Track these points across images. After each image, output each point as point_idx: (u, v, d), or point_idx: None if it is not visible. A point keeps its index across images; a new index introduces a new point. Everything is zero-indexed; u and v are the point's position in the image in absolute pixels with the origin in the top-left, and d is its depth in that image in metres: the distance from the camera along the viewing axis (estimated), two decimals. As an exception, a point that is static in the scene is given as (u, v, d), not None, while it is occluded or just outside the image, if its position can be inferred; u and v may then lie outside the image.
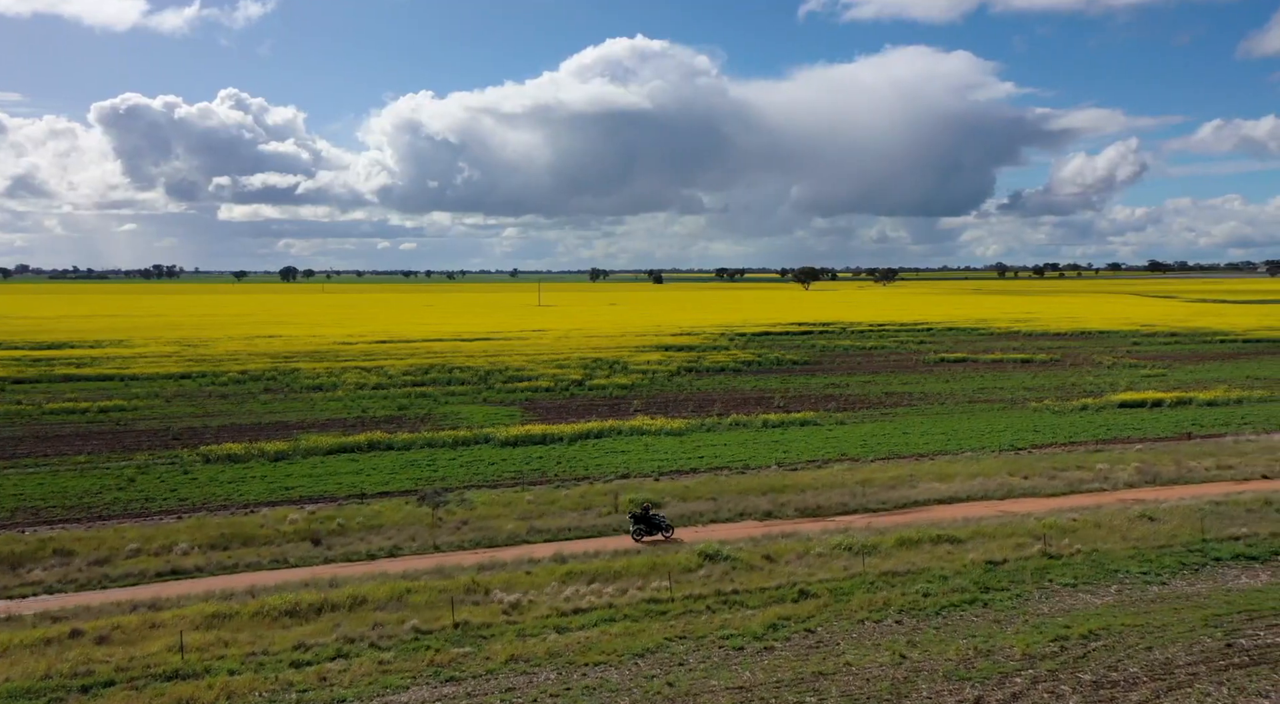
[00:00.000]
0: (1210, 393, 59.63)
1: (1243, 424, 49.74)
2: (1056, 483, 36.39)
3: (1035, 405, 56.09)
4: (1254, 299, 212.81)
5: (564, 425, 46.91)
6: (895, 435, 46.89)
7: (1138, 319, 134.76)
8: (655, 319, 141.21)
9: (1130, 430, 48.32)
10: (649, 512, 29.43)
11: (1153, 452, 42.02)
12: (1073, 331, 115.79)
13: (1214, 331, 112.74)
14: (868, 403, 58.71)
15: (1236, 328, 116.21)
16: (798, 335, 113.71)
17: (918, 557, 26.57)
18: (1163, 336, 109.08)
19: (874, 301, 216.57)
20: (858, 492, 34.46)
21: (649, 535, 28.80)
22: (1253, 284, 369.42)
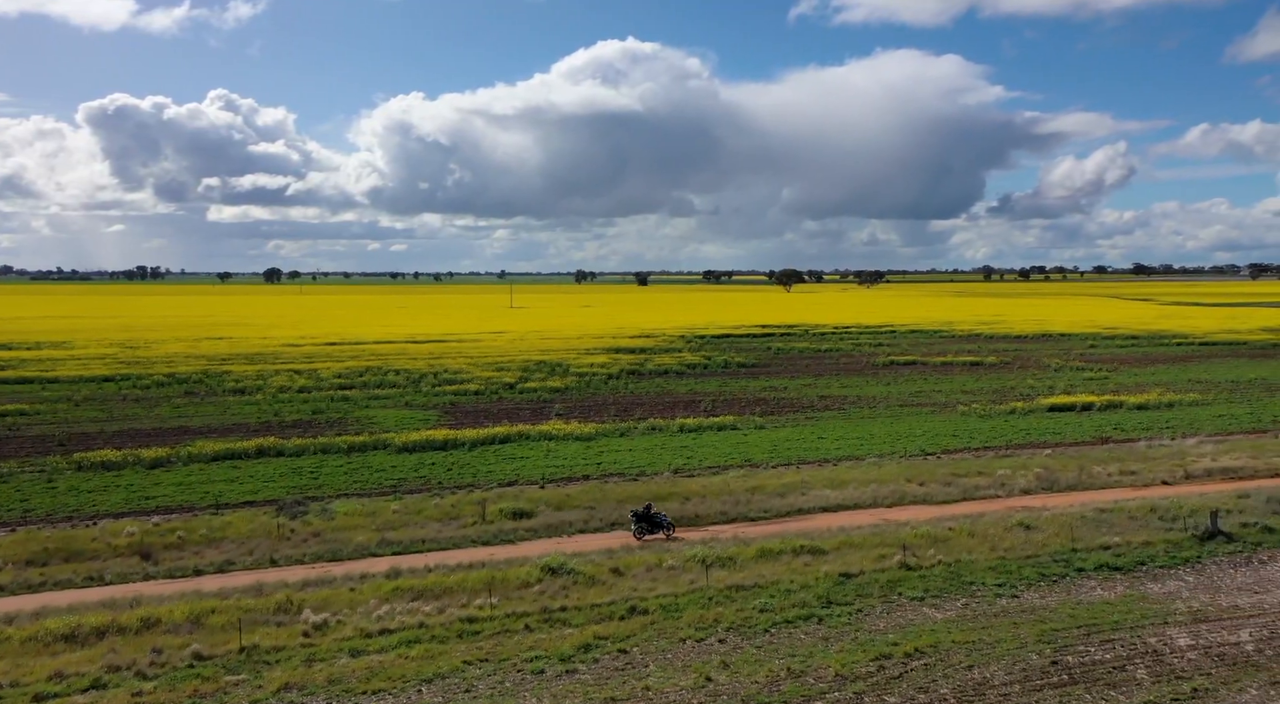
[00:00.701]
0: (1142, 396, 59.07)
1: (1164, 428, 49.12)
2: (951, 489, 35.58)
3: (964, 409, 55.35)
4: (1226, 302, 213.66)
5: (471, 430, 45.82)
6: (810, 440, 46.02)
7: (1103, 322, 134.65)
8: (620, 321, 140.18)
9: (1050, 435, 47.61)
10: (650, 510, 29.72)
11: (1062, 457, 41.32)
12: (1034, 334, 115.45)
13: (1174, 334, 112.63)
14: (800, 406, 57.88)
15: (1196, 331, 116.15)
16: (758, 337, 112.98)
17: (773, 569, 25.63)
18: (1121, 339, 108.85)
19: (848, 304, 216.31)
20: (743, 499, 33.54)
21: (651, 533, 29.12)
22: (1232, 287, 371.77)
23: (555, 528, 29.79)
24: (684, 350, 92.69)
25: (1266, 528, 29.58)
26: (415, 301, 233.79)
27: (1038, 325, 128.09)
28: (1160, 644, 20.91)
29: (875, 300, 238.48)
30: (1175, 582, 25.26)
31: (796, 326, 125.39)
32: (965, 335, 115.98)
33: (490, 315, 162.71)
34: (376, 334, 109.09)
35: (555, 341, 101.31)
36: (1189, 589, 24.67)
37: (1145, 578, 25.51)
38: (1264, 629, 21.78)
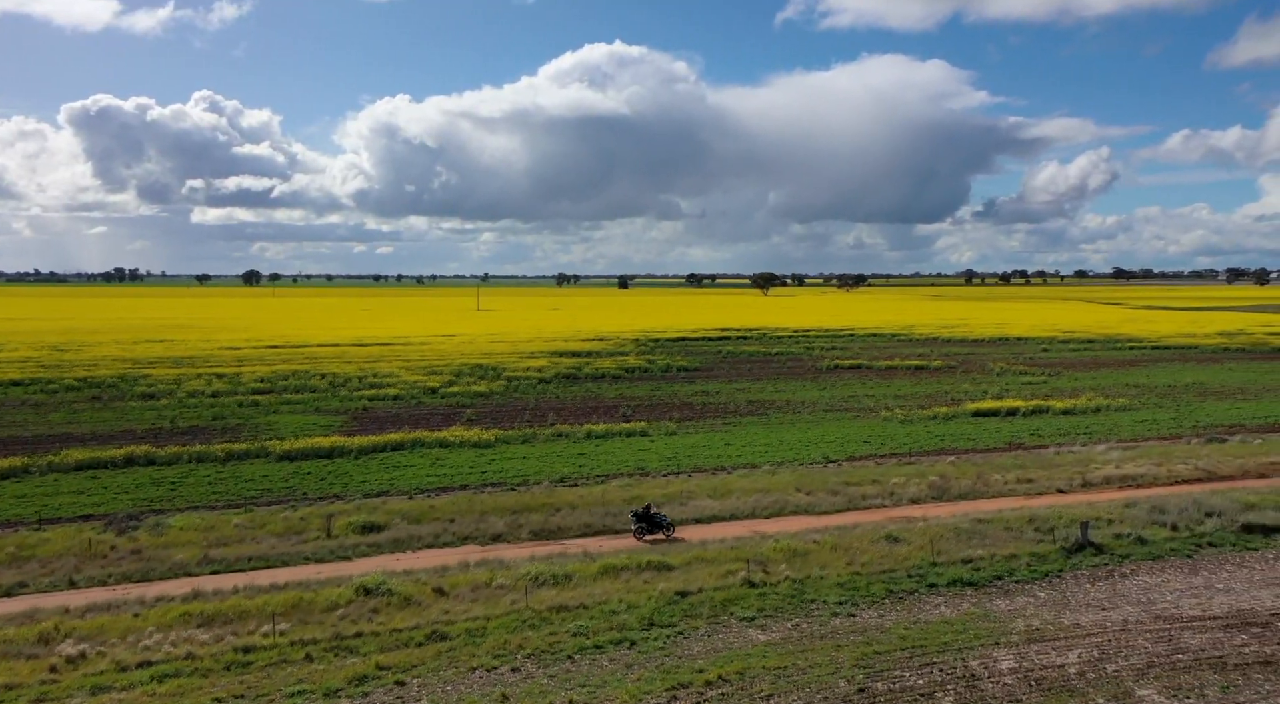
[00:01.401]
0: (1070, 402, 58.21)
1: (1082, 434, 48.18)
2: (837, 499, 34.33)
3: (887, 414, 54.25)
4: (1193, 306, 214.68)
5: (365, 438, 44.23)
6: (717, 447, 44.73)
7: (1063, 326, 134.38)
8: (581, 324, 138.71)
9: (964, 441, 46.54)
10: (650, 510, 30.07)
11: (966, 464, 40.20)
12: (991, 338, 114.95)
13: (1129, 338, 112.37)
14: (725, 411, 56.60)
15: (1152, 335, 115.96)
16: (713, 341, 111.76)
17: (609, 587, 24.27)
18: (1076, 343, 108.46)
19: (817, 307, 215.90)
20: (614, 511, 32.18)
21: (651, 534, 29.51)
22: (1206, 291, 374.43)
23: (402, 543, 28.31)
24: (631, 354, 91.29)
25: (1139, 539, 28.54)
26: (383, 304, 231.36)
27: (998, 329, 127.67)
28: (981, 667, 19.70)
29: (846, 304, 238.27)
30: (1026, 598, 24.10)
31: (755, 330, 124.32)
32: (923, 339, 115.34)
33: (452, 318, 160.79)
34: (323, 337, 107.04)
35: (503, 345, 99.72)
36: (1036, 606, 23.51)
37: (996, 594, 24.34)
38: (1096, 649, 20.62)
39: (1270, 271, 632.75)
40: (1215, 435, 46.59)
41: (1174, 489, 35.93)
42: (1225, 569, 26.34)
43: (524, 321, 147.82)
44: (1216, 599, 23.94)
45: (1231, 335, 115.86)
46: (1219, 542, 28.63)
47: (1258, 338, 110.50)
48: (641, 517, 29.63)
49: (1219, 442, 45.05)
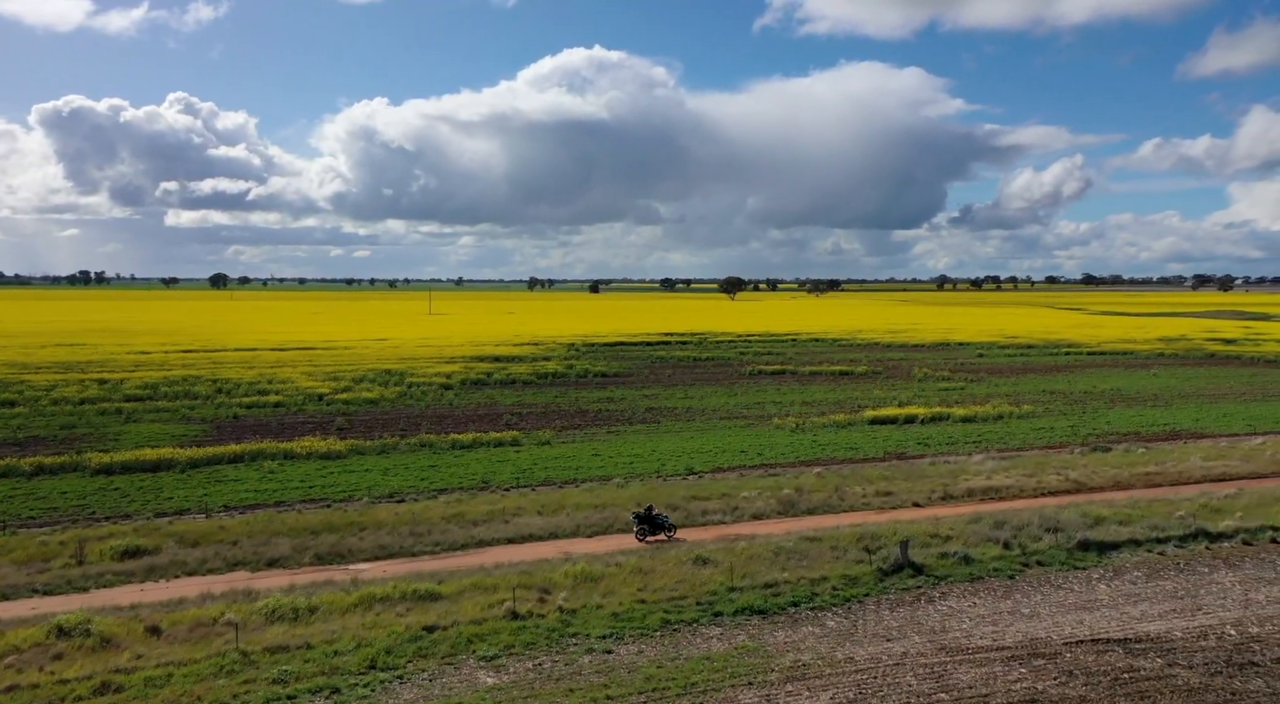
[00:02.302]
0: (974, 409, 56.64)
1: (971, 443, 46.50)
2: (674, 515, 32.08)
3: (778, 422, 52.31)
4: (1148, 312, 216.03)
5: (204, 449, 41.46)
6: (582, 458, 42.49)
7: (1009, 331, 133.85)
8: (522, 328, 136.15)
9: (844, 451, 44.65)
10: (652, 512, 30.15)
11: (832, 475, 38.21)
12: (934, 343, 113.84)
13: (1069, 344, 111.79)
14: (617, 419, 54.38)
15: (1091, 340, 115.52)
16: (649, 345, 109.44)
17: (353, 621, 21.83)
18: (1015, 348, 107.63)
19: (773, 312, 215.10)
20: (422, 531, 29.74)
21: (653, 535, 29.72)
22: (1170, 297, 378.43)
23: (160, 570, 25.72)
24: (555, 359, 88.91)
25: (966, 558, 26.66)
26: (335, 308, 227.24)
27: (943, 334, 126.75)
28: (713, 715, 17.61)
29: (806, 309, 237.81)
30: (812, 628, 22.05)
31: (697, 335, 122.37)
32: (865, 344, 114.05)
33: (395, 322, 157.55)
34: (242, 341, 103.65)
35: (428, 350, 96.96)
36: (818, 637, 21.46)
37: (782, 624, 22.26)
38: (854, 689, 18.58)
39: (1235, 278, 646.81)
40: (1102, 444, 45.09)
41: (1035, 502, 34.21)
42: (1041, 591, 24.49)
43: (467, 326, 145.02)
44: (1015, 626, 22.05)
45: (1171, 341, 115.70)
46: (1049, 560, 26.82)
47: (1195, 344, 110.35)
48: (643, 518, 29.77)
49: (1103, 451, 43.54)
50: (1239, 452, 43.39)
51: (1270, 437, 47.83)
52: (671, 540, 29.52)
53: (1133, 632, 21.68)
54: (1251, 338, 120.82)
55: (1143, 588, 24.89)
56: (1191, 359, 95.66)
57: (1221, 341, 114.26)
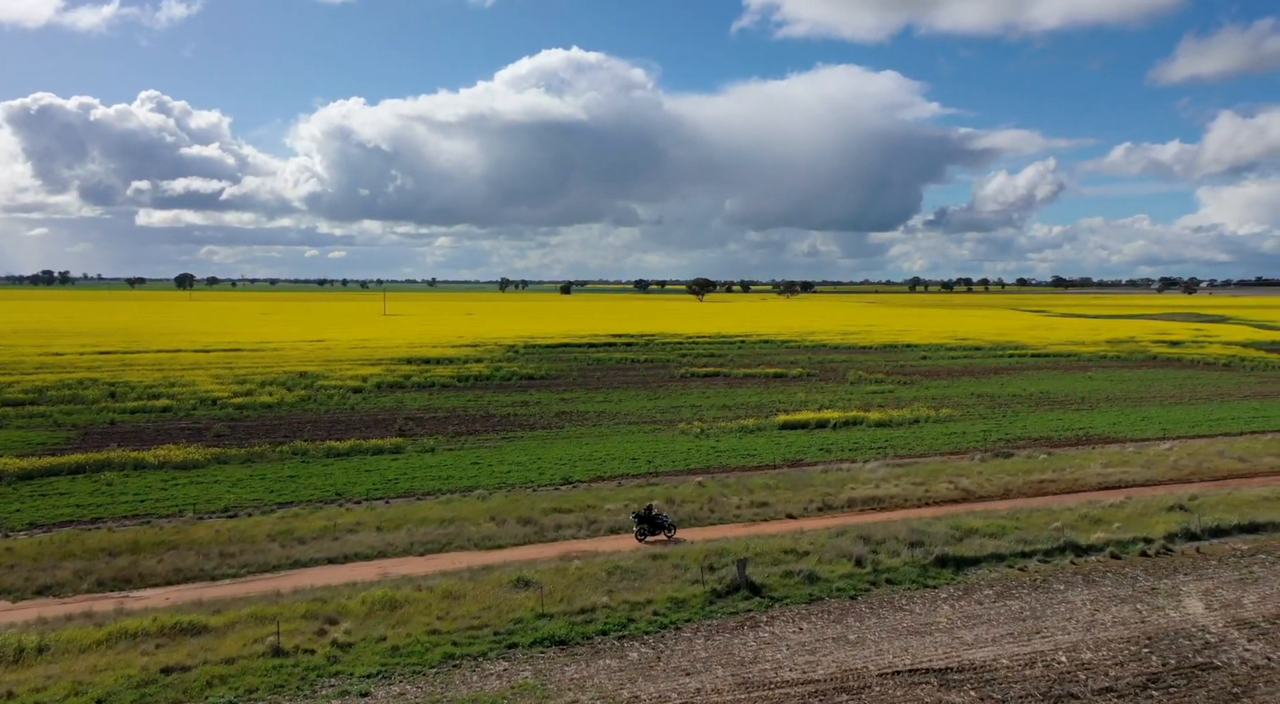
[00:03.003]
0: (892, 413, 55.11)
1: (875, 449, 44.78)
2: (525, 530, 29.98)
3: (685, 427, 50.34)
4: (1107, 314, 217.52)
5: (51, 459, 38.53)
6: (461, 467, 40.16)
7: (960, 333, 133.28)
8: (467, 330, 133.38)
9: (740, 458, 42.74)
10: (652, 511, 29.95)
11: (714, 484, 36.19)
12: (882, 344, 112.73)
13: (1016, 345, 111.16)
14: (522, 424, 52.11)
15: (1038, 342, 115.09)
16: (595, 346, 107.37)
17: (85, 663, 19.34)
18: (962, 351, 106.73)
19: (735, 314, 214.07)
20: (235, 551, 27.20)
21: (653, 535, 29.48)
22: (1134, 299, 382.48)
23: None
24: (487, 360, 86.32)
25: (811, 577, 24.78)
26: (293, 308, 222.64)
27: (895, 336, 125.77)
28: (443, 771, 15.52)
29: (768, 310, 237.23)
30: (611, 660, 20.02)
31: (644, 336, 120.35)
32: (813, 346, 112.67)
33: (345, 323, 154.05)
34: (170, 342, 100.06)
35: (361, 351, 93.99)
36: (613, 672, 19.42)
37: (579, 656, 20.19)
38: (618, 739, 16.62)
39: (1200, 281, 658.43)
40: (1005, 450, 43.61)
41: (915, 512, 32.50)
42: (879, 614, 22.67)
43: (415, 327, 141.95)
44: (834, 655, 20.16)
45: (1117, 343, 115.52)
46: (900, 578, 25.04)
47: (1141, 346, 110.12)
48: (643, 518, 29.61)
49: (1004, 457, 42.03)
50: (1143, 457, 42.11)
51: (1181, 441, 46.69)
52: (672, 540, 29.19)
53: (957, 660, 19.88)
54: (1199, 340, 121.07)
55: (988, 609, 23.16)
56: (1134, 361, 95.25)
57: (1168, 344, 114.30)
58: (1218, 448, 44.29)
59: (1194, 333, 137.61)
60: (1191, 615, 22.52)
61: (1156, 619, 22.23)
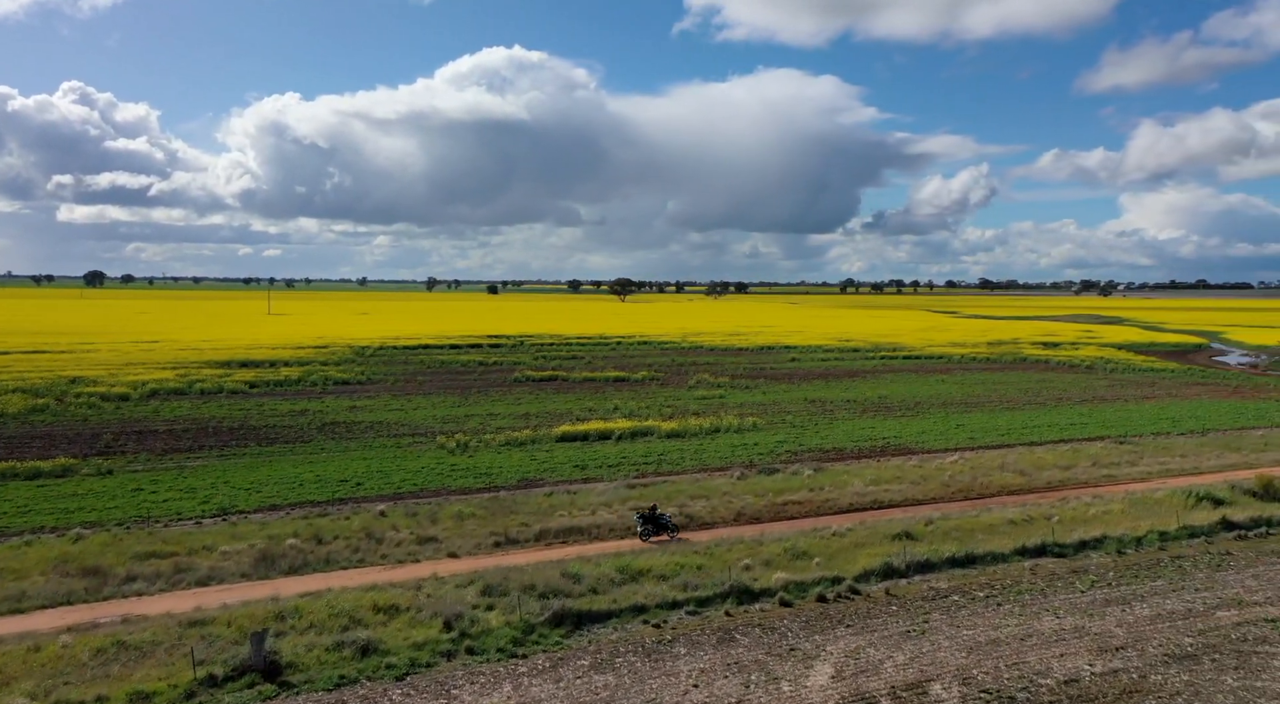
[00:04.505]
0: (693, 421, 50.46)
1: (636, 464, 39.74)
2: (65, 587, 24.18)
3: (444, 440, 44.89)
4: (1007, 315, 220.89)
5: None
6: (120, 495, 33.54)
7: (850, 334, 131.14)
8: (326, 330, 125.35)
9: (478, 478, 37.04)
10: (655, 511, 29.29)
11: (398, 513, 30.63)
12: (759, 346, 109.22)
13: (895, 347, 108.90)
14: (277, 438, 45.50)
15: (920, 344, 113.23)
16: (455, 348, 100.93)
17: None
18: (838, 352, 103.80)
19: (631, 315, 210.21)
20: None
21: (656, 536, 28.85)
22: (1049, 301, 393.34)
23: None
24: (313, 363, 79.17)
25: (367, 648, 19.30)
26: (173, 308, 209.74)
27: (781, 337, 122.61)
28: None
29: (676, 312, 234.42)
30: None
31: (511, 338, 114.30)
32: (690, 347, 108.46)
33: (215, 323, 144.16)
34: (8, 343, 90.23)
35: (189, 353, 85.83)
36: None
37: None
38: None
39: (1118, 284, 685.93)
40: (772, 466, 39.27)
41: (614, 544, 27.68)
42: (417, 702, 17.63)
43: (280, 328, 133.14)
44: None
45: (997, 345, 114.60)
46: (486, 646, 19.80)
47: (1017, 348, 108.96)
48: (647, 518, 29.03)
49: (767, 473, 37.68)
50: (919, 472, 38.38)
51: (975, 452, 43.28)
52: (674, 540, 28.53)
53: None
54: (1079, 342, 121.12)
55: (567, 687, 18.32)
56: (1001, 363, 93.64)
57: (1044, 346, 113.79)
58: (1005, 459, 40.94)
59: (1080, 334, 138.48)
60: (807, 689, 18.08)
61: (758, 698, 17.71)
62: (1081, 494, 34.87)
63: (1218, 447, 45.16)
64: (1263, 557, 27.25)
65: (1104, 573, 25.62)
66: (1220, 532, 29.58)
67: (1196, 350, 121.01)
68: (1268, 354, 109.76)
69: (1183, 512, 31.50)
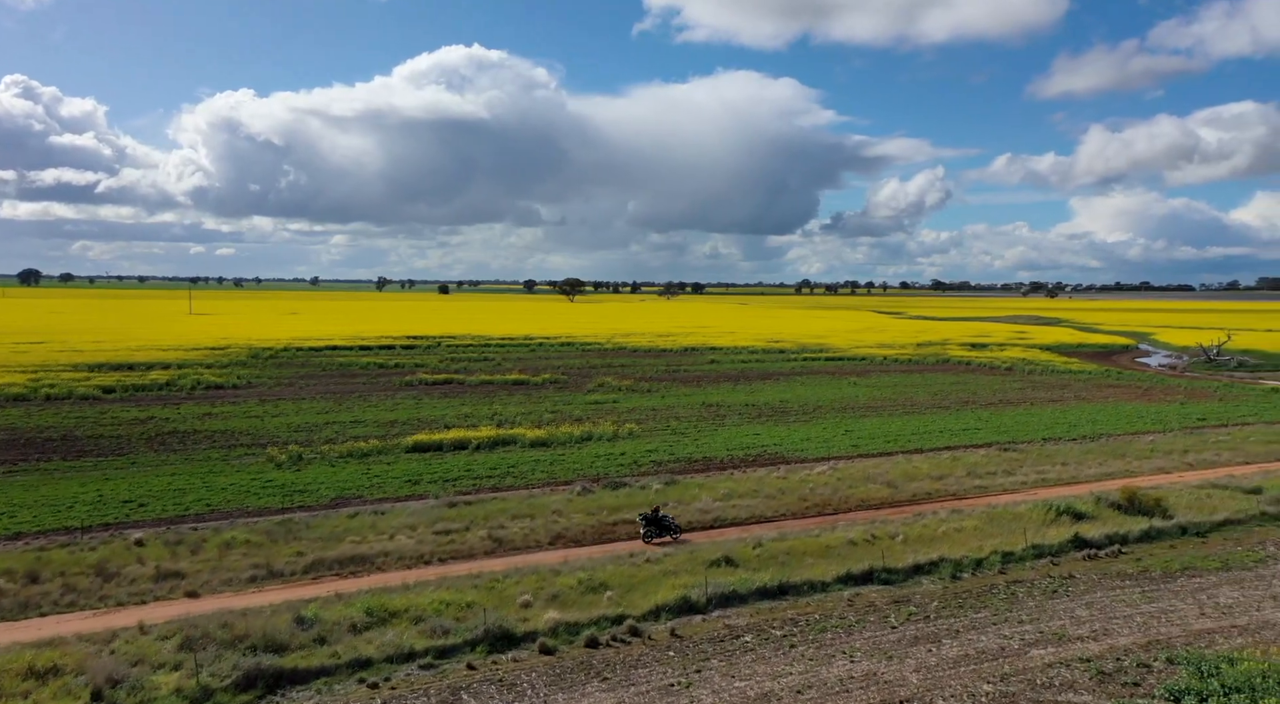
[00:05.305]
0: (568, 429, 47.11)
1: (478, 479, 36.37)
2: None
3: (275, 452, 40.35)
4: (950, 317, 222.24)
5: None
6: None
7: (780, 334, 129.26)
8: (241, 332, 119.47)
9: (292, 497, 33.21)
10: (658, 513, 28.79)
11: (156, 544, 26.88)
12: (683, 347, 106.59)
13: (820, 348, 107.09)
14: (84, 451, 41.16)
15: (849, 345, 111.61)
16: (365, 349, 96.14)
17: None
18: (762, 353, 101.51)
19: (563, 315, 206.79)
20: None
21: (659, 537, 28.27)
22: (994, 303, 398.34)
23: None
24: (191, 366, 74.16)
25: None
26: (93, 306, 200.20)
27: (710, 338, 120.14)
28: None
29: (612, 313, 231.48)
30: None
31: (426, 338, 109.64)
32: (613, 348, 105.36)
33: (129, 323, 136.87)
34: None
35: (64, 355, 79.87)
36: None
37: None
38: None
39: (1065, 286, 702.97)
40: (621, 480, 35.77)
41: (400, 575, 24.22)
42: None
43: (192, 328, 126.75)
44: None
45: (926, 346, 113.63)
46: (135, 720, 16.61)
47: (944, 350, 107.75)
48: (651, 520, 28.67)
49: (614, 488, 34.51)
50: (782, 484, 35.60)
51: (848, 461, 40.72)
52: (676, 541, 28.19)
53: None
54: (1009, 343, 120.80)
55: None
56: (924, 365, 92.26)
57: (971, 347, 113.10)
58: (877, 470, 38.41)
59: (1012, 335, 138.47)
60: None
61: (437, 785, 14.54)
62: (941, 508, 32.43)
63: (1103, 454, 43.42)
64: (1105, 580, 24.96)
65: (927, 603, 22.99)
66: (1070, 551, 27.31)
67: (1123, 351, 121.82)
68: (1189, 355, 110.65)
69: (1037, 528, 29.20)
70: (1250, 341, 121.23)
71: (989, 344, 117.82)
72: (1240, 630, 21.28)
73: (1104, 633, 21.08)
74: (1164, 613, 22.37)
